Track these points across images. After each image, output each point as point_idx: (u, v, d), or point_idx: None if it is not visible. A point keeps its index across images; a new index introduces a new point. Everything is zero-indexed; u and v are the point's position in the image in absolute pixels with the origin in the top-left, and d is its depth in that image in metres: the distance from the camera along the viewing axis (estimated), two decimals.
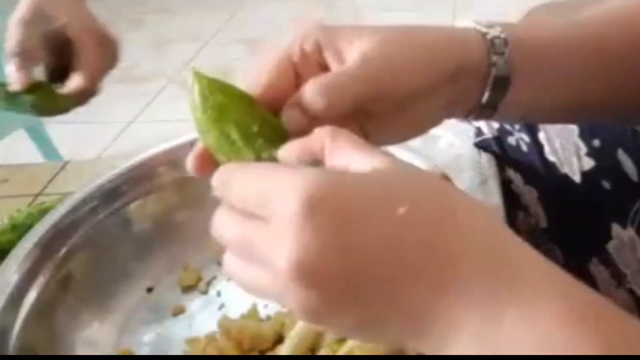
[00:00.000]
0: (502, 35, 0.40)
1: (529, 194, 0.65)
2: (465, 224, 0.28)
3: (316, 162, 0.31)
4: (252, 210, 0.29)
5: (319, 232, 0.26)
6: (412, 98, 0.38)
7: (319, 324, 0.28)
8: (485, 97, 0.41)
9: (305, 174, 0.28)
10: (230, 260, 0.30)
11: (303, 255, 0.26)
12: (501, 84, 0.41)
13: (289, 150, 0.32)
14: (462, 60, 0.39)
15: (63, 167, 0.72)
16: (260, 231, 0.28)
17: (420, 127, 0.42)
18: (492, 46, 0.40)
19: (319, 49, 0.38)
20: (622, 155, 0.59)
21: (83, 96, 0.60)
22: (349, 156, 0.30)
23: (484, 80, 0.40)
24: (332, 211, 0.27)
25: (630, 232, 0.58)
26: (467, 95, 0.41)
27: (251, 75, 0.38)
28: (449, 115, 0.42)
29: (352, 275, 0.27)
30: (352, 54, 0.37)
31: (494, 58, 0.40)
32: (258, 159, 0.34)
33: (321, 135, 0.31)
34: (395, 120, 0.39)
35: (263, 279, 0.28)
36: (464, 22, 0.42)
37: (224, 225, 0.31)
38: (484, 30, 0.40)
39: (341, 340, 0.45)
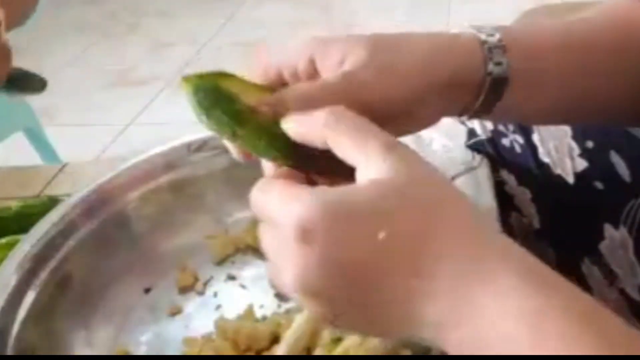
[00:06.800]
0: (501, 43, 0.41)
1: (522, 195, 0.65)
2: (444, 245, 0.31)
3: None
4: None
5: (312, 254, 0.31)
6: (402, 105, 0.39)
7: (333, 326, 0.36)
8: (479, 101, 0.42)
9: (302, 201, 0.31)
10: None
11: (301, 275, 0.31)
12: (496, 91, 0.41)
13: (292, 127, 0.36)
14: (458, 69, 0.40)
15: (61, 169, 0.73)
16: (272, 249, 0.33)
17: (412, 129, 0.42)
18: (490, 54, 0.40)
19: (312, 63, 0.39)
20: (614, 157, 0.60)
21: None
22: (349, 157, 0.33)
23: (480, 87, 0.41)
24: (323, 234, 0.30)
25: (622, 232, 0.59)
26: (462, 100, 0.42)
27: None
28: (443, 116, 0.43)
29: (345, 285, 0.31)
30: (343, 66, 0.38)
31: (491, 67, 0.40)
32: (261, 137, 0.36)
33: (320, 122, 0.34)
34: (385, 123, 0.40)
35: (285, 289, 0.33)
36: (462, 27, 0.42)
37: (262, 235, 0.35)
38: (483, 37, 0.41)
39: (337, 340, 0.46)
